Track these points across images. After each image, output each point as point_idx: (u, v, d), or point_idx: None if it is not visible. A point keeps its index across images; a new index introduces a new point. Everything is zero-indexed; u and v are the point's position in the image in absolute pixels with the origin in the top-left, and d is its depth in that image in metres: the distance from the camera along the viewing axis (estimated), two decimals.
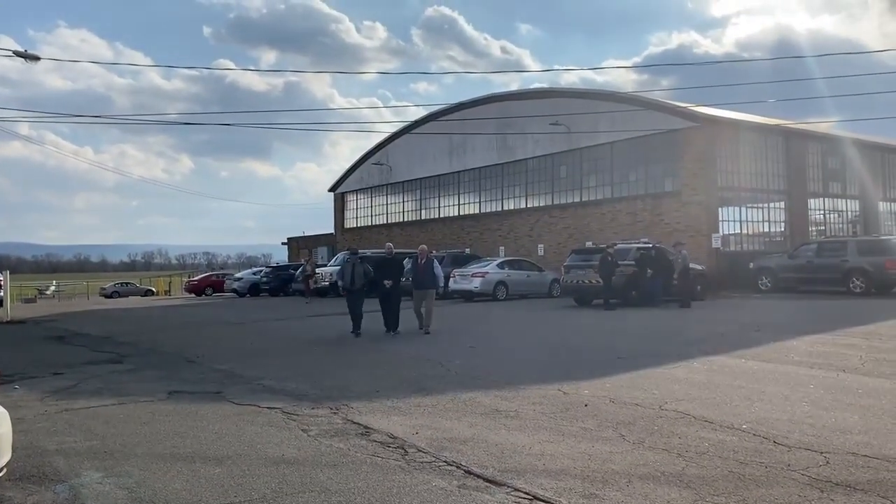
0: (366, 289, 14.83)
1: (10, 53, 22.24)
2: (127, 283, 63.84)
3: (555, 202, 33.22)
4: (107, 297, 53.93)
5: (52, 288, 58.46)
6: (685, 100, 30.11)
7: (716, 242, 27.25)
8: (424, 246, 15.81)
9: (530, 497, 4.96)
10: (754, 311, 18.79)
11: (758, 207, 30.19)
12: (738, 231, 29.30)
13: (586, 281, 21.39)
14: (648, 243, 22.63)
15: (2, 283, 24.80)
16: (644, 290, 20.96)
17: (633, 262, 21.20)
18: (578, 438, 6.49)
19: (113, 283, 62.17)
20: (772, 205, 30.55)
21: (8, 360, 4.51)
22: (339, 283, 15.16)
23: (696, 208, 27.43)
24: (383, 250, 16.37)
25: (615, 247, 21.57)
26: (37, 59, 22.81)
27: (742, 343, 12.47)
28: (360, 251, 16.73)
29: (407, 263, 17.27)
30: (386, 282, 14.74)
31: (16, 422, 4.71)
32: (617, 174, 30.78)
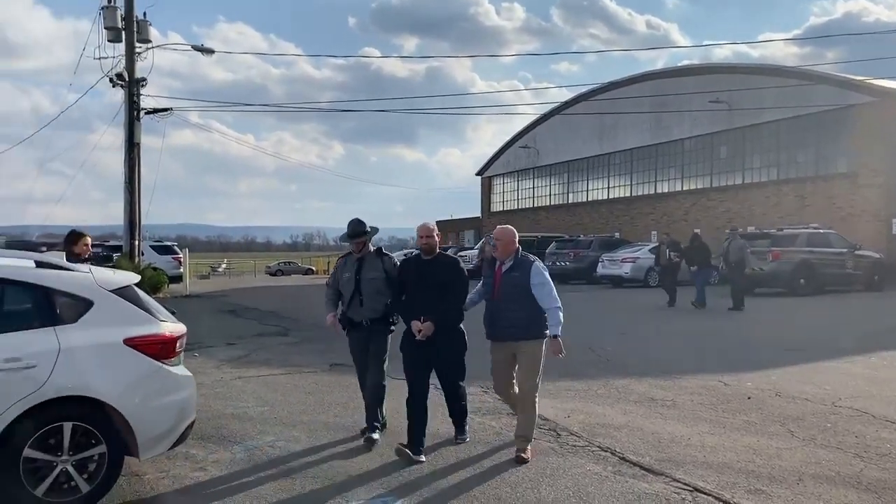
0: (393, 320, 6.20)
1: (189, 48, 24.15)
2: (290, 263, 67.94)
3: (713, 184, 31.60)
4: (272, 274, 57.64)
5: (224, 266, 63.24)
6: (856, 74, 27.48)
7: None
8: (509, 227, 5.86)
9: (691, 489, 4.78)
10: None
11: None
12: None
13: (749, 268, 20.16)
14: (819, 229, 21.02)
15: (182, 260, 27.15)
16: (669, 284, 17.96)
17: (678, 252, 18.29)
18: (742, 432, 6.17)
19: (277, 262, 66.42)
20: None
21: (188, 330, 4.94)
22: (339, 308, 6.33)
23: (875, 191, 25.09)
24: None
25: (783, 231, 20.27)
26: (211, 52, 24.64)
27: None
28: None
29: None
30: (416, 325, 5.75)
31: (196, 387, 5.14)
32: (783, 154, 28.77)
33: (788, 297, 18.82)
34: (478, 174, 48.95)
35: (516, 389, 5.81)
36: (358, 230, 6.08)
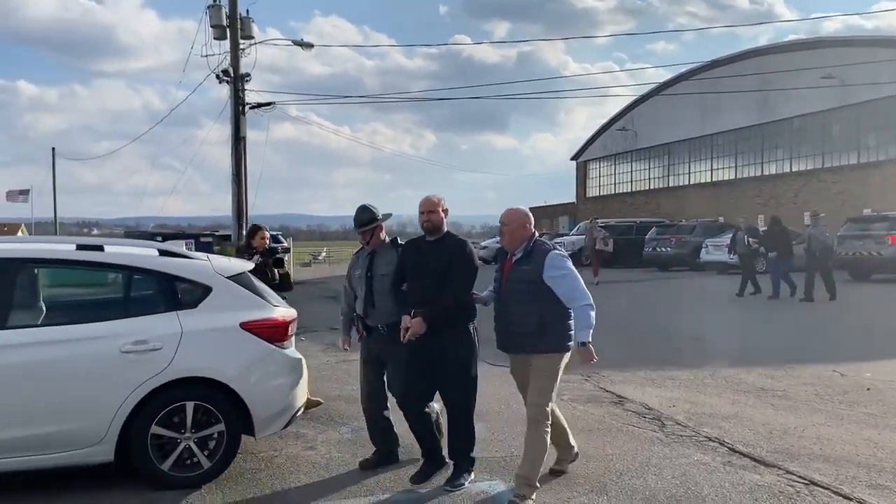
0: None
1: (290, 43, 24.86)
2: None
3: (825, 165, 29.92)
4: None
5: (324, 254, 65.05)
6: None
7: None
8: (521, 209, 4.59)
9: (806, 482, 4.59)
10: None
11: None
12: None
13: (865, 253, 19.06)
14: None
15: (287, 248, 28.25)
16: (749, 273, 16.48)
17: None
18: (861, 424, 5.87)
19: None
20: None
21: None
22: (356, 311, 5.36)
23: None
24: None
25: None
26: (311, 46, 25.21)
27: None
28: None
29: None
30: (405, 321, 4.62)
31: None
32: None
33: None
34: (573, 159, 48.22)
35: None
36: (364, 218, 5.06)
